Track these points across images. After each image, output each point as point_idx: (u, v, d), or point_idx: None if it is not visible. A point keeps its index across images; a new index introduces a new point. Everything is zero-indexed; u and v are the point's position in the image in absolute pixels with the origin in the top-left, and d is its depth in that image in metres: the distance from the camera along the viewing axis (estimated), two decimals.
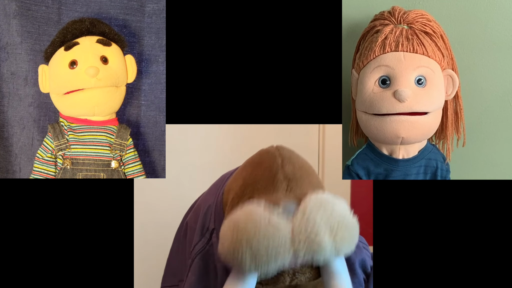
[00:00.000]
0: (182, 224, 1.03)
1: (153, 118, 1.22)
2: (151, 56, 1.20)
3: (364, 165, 1.09)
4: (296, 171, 0.87)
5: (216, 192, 0.96)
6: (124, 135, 1.11)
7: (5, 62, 1.15)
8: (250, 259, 0.78)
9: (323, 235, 0.79)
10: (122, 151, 1.10)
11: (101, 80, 1.04)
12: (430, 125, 1.04)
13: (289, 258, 0.79)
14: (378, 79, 1.02)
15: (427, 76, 1.02)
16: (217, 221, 0.92)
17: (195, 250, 0.93)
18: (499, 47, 1.18)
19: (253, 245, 0.78)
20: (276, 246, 0.78)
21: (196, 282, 0.91)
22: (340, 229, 0.80)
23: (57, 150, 1.07)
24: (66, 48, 1.05)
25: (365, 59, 1.05)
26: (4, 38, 1.14)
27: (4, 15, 1.14)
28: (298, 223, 0.79)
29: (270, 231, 0.79)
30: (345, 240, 0.81)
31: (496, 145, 1.21)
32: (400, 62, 1.01)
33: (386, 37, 1.03)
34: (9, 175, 1.17)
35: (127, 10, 1.18)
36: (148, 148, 1.23)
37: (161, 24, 1.19)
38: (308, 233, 0.79)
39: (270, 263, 0.78)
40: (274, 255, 0.78)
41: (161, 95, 1.20)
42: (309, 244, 0.79)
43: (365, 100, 1.03)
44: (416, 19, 1.05)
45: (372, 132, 1.04)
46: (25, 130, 1.17)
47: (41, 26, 1.15)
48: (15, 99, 1.16)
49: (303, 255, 0.79)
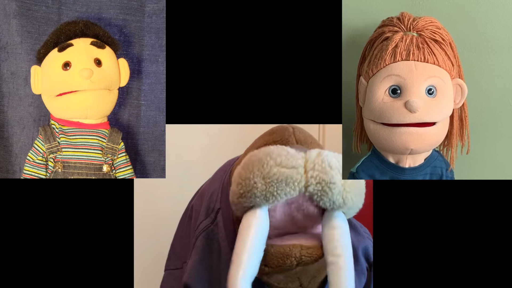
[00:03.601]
0: (188, 207, 1.02)
1: (153, 118, 1.22)
2: (151, 56, 1.20)
3: (369, 172, 1.08)
4: (307, 137, 0.88)
5: (223, 176, 0.95)
6: (116, 139, 1.09)
7: (5, 62, 1.15)
8: (260, 179, 0.78)
9: (336, 173, 0.79)
10: (113, 155, 1.09)
11: (94, 83, 1.03)
12: (438, 135, 1.03)
13: (301, 184, 0.78)
14: (389, 89, 1.01)
15: (438, 86, 1.01)
16: (223, 200, 0.91)
17: (199, 228, 0.92)
18: (499, 47, 1.18)
19: (264, 163, 0.78)
20: (288, 167, 0.78)
21: (199, 261, 0.90)
22: (350, 180, 0.81)
23: (48, 153, 1.06)
24: (60, 50, 1.04)
25: (375, 67, 1.02)
26: (4, 38, 1.14)
27: (4, 15, 1.14)
28: (312, 156, 0.80)
29: (283, 152, 0.79)
30: (353, 189, 0.81)
31: (496, 145, 1.21)
32: (411, 72, 1.00)
33: (396, 45, 1.01)
34: (9, 175, 1.17)
35: (127, 10, 1.19)
36: (148, 148, 1.23)
37: (161, 24, 1.19)
38: (323, 165, 0.79)
39: (281, 185, 0.78)
40: (286, 177, 0.78)
41: (161, 95, 1.20)
42: (321, 175, 0.79)
43: (375, 109, 1.01)
44: (426, 26, 1.04)
45: (381, 143, 1.03)
46: (25, 130, 1.17)
47: (41, 26, 1.15)
48: (15, 99, 1.16)
49: (314, 184, 0.79)
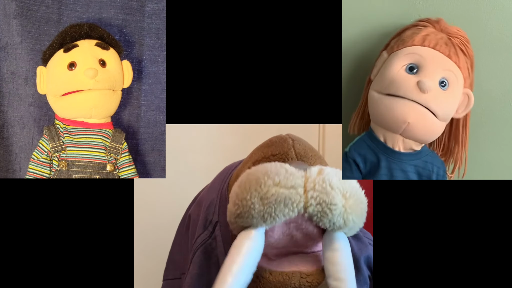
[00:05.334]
0: (185, 216, 1.02)
1: (153, 118, 1.22)
2: (151, 56, 1.20)
3: (361, 152, 1.08)
4: (307, 151, 0.87)
5: (220, 185, 0.94)
6: (119, 139, 1.11)
7: (5, 62, 1.15)
8: (258, 200, 0.75)
9: (337, 193, 0.77)
10: (117, 154, 1.10)
11: (99, 82, 1.04)
12: (435, 128, 1.05)
13: (300, 206, 0.76)
14: (407, 65, 1.04)
15: (451, 82, 1.04)
16: (221, 213, 0.89)
17: (196, 243, 0.91)
18: (499, 47, 1.18)
19: (262, 183, 0.75)
20: (287, 187, 0.75)
21: (197, 276, 0.89)
22: (352, 197, 0.79)
23: (53, 152, 1.07)
24: (65, 50, 1.06)
25: (401, 44, 1.07)
26: (4, 38, 1.14)
27: (4, 15, 1.14)
28: (313, 175, 0.77)
29: (281, 171, 0.76)
30: (355, 211, 0.79)
31: (496, 145, 1.21)
32: (434, 57, 1.04)
33: (428, 34, 1.06)
34: (9, 174, 1.17)
35: (127, 10, 1.19)
36: (148, 148, 1.23)
37: (161, 24, 1.19)
38: (324, 185, 0.76)
39: (279, 206, 0.75)
40: (284, 198, 0.75)
41: (161, 95, 1.20)
42: (322, 196, 0.76)
43: (386, 78, 1.04)
44: (457, 34, 1.08)
45: (381, 112, 1.04)
46: (25, 130, 1.17)
47: (41, 26, 1.15)
48: (15, 99, 1.16)
49: (314, 205, 0.76)
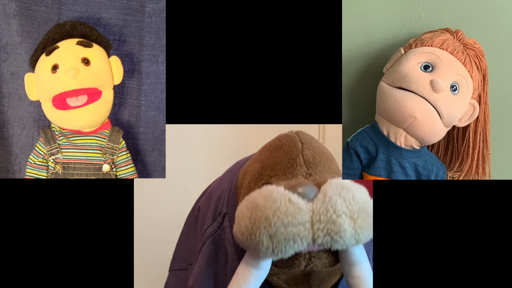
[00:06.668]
0: (194, 208, 1.02)
1: (153, 118, 1.22)
2: (151, 56, 1.20)
3: (363, 143, 1.10)
4: (316, 156, 0.86)
5: (231, 177, 0.94)
6: (117, 138, 1.09)
7: (5, 62, 1.15)
8: (267, 238, 0.75)
9: (344, 219, 0.76)
10: (113, 154, 1.09)
11: (81, 81, 1.02)
12: (437, 129, 1.06)
13: (308, 239, 0.76)
14: (423, 63, 1.05)
15: (461, 88, 1.06)
16: (230, 205, 0.90)
17: (206, 233, 0.91)
18: (499, 47, 1.18)
19: (271, 223, 0.75)
20: (295, 224, 0.75)
21: (206, 266, 0.89)
22: (360, 216, 0.78)
23: (49, 155, 1.06)
24: (47, 53, 1.05)
25: (420, 43, 1.09)
26: (4, 38, 1.14)
27: (4, 15, 1.14)
28: (318, 205, 0.77)
29: (290, 209, 0.76)
30: (365, 227, 0.79)
31: (496, 146, 1.21)
32: (449, 60, 1.06)
33: (447, 39, 1.08)
34: (9, 175, 1.17)
35: (127, 10, 1.19)
36: (148, 148, 1.23)
37: (161, 24, 1.19)
38: (328, 215, 0.76)
39: (288, 244, 0.76)
40: (293, 235, 0.75)
41: (161, 95, 1.20)
42: (329, 226, 0.76)
43: (400, 71, 1.05)
44: (473, 46, 1.10)
45: (389, 103, 1.05)
46: (25, 130, 1.17)
47: (41, 26, 1.15)
48: (15, 99, 1.16)
49: (322, 236, 0.76)
